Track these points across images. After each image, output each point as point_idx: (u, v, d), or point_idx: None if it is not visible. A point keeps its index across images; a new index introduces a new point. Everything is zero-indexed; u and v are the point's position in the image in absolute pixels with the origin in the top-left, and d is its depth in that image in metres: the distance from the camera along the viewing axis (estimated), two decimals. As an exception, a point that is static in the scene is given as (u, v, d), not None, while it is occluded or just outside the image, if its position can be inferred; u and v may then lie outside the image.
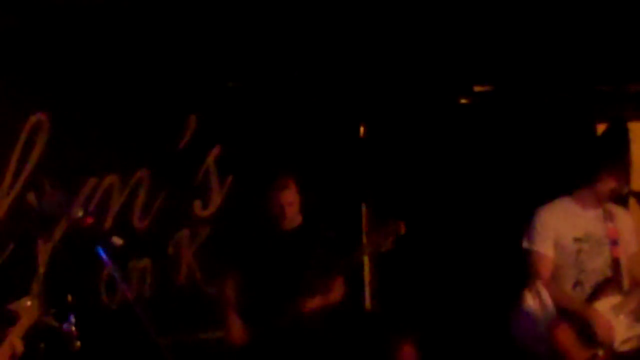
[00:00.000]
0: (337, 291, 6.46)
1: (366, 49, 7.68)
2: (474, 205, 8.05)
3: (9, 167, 6.73)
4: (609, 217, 6.21)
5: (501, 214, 7.81)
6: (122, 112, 7.12)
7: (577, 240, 6.16)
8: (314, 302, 6.38)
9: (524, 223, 6.31)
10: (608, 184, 6.12)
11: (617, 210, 6.25)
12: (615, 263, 6.17)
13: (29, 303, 5.74)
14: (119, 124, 7.09)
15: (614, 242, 6.19)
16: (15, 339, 5.56)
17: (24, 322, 5.63)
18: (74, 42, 6.83)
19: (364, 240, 6.79)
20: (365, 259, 8.15)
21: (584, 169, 6.27)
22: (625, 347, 6.02)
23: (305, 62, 7.69)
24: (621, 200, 6.42)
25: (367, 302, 8.44)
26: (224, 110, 7.59)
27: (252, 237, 6.55)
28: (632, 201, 6.44)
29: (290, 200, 6.42)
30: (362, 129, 8.32)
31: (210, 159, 7.58)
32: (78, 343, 5.70)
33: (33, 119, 6.79)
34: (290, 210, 6.43)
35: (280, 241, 6.46)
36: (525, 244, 6.23)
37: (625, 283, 6.16)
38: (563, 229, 6.18)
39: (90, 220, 5.81)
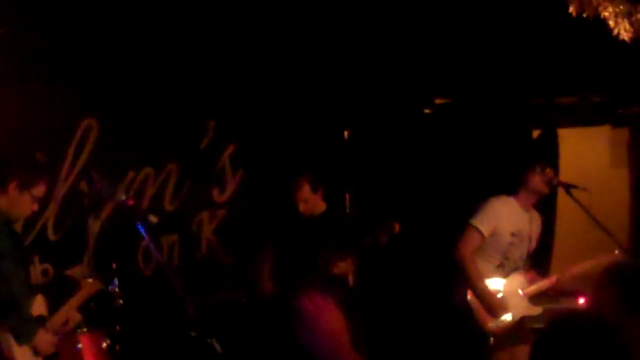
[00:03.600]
0: (347, 268, 6.74)
1: (348, 71, 7.86)
2: (438, 195, 8.16)
3: (65, 161, 6.85)
4: (532, 220, 6.43)
5: (459, 203, 7.56)
6: (155, 118, 7.24)
7: (512, 234, 6.33)
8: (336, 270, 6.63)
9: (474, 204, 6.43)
10: (538, 180, 6.30)
11: (534, 215, 6.47)
12: (528, 255, 6.44)
13: (90, 280, 5.85)
14: (153, 127, 7.23)
15: (530, 240, 6.45)
16: (73, 312, 5.62)
17: (83, 294, 5.73)
18: (119, 60, 6.98)
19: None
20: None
21: (519, 167, 6.41)
22: (538, 325, 6.15)
23: (302, 81, 7.88)
24: (552, 189, 6.54)
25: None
26: (237, 117, 7.71)
27: (284, 221, 6.81)
28: (560, 190, 6.65)
29: (304, 197, 6.67)
30: (346, 133, 8.30)
31: (225, 156, 7.72)
32: (121, 301, 5.94)
33: (85, 122, 6.92)
34: (303, 205, 6.68)
35: (305, 225, 6.72)
36: (471, 220, 6.29)
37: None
38: (505, 222, 6.31)
39: (131, 202, 6.10)
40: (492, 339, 6.19)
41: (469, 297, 6.25)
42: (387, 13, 7.31)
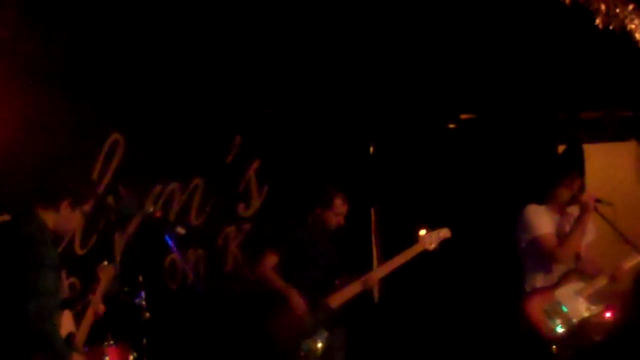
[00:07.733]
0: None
1: (374, 86, 7.85)
2: (464, 209, 8.08)
3: (92, 175, 6.80)
4: (570, 217, 6.28)
5: (485, 216, 7.92)
6: (182, 133, 7.25)
7: (557, 235, 6.22)
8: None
9: (509, 225, 6.31)
10: (564, 195, 6.25)
11: (574, 210, 6.29)
12: (577, 255, 6.23)
13: (105, 263, 5.86)
14: (179, 141, 7.23)
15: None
16: (98, 304, 5.65)
17: (105, 282, 5.75)
18: (146, 76, 6.99)
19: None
20: (374, 254, 8.29)
21: (545, 183, 6.36)
22: (598, 338, 5.81)
23: (328, 96, 7.91)
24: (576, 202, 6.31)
25: (376, 295, 8.51)
26: (263, 132, 7.77)
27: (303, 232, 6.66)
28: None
29: (341, 211, 6.66)
30: (372, 148, 8.58)
31: (251, 171, 7.78)
32: (147, 314, 5.96)
33: (111, 137, 6.92)
34: (338, 219, 6.66)
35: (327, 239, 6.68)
36: (527, 237, 6.19)
37: (588, 270, 6.22)
38: (546, 224, 6.24)
39: (159, 213, 6.20)
40: (554, 347, 6.03)
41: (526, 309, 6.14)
42: (412, 29, 7.28)
